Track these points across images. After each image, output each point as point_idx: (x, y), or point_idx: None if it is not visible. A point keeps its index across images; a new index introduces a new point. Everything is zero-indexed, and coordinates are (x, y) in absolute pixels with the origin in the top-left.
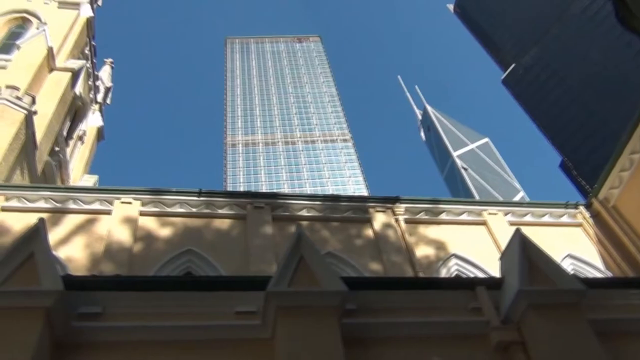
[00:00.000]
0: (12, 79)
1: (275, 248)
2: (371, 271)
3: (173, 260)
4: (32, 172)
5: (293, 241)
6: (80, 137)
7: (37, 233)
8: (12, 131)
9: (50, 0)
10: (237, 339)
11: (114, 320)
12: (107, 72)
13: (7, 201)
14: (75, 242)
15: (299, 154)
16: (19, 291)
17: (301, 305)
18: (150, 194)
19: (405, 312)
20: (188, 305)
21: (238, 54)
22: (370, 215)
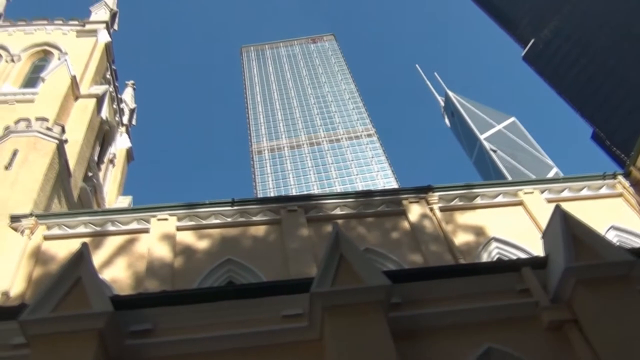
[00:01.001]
0: (40, 110)
1: (313, 249)
2: (411, 263)
3: (214, 271)
4: (69, 199)
5: (331, 240)
6: (110, 160)
7: (82, 258)
8: (46, 161)
9: (69, 31)
10: (286, 343)
11: (165, 335)
12: (129, 94)
13: (48, 230)
14: (118, 263)
15: (325, 154)
16: (71, 315)
17: (346, 303)
18: (184, 208)
19: (452, 300)
20: (235, 313)
21: (254, 61)
22: (404, 207)
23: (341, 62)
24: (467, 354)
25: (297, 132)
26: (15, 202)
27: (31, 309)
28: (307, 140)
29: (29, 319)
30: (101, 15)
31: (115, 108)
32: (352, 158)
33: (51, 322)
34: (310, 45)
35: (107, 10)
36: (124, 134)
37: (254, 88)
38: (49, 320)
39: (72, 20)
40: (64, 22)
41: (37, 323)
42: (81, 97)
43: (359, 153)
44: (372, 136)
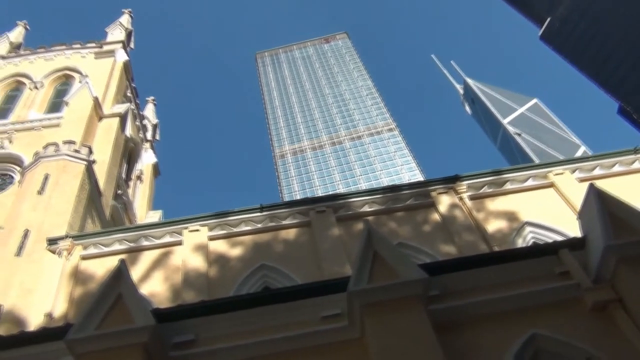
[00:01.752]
0: (67, 134)
1: (345, 248)
2: (445, 254)
3: (249, 278)
4: (102, 218)
5: (364, 237)
6: (138, 177)
7: (121, 274)
8: (77, 183)
9: (87, 53)
10: (327, 344)
11: (207, 344)
12: (151, 109)
13: (85, 250)
14: (155, 277)
15: (347, 152)
16: (115, 332)
17: (385, 299)
18: (215, 218)
19: (491, 289)
20: (274, 318)
21: (270, 66)
22: (432, 198)
23: (356, 59)
24: (511, 341)
25: (317, 132)
26: (51, 225)
27: (76, 328)
28: (328, 140)
29: (75, 338)
30: (117, 35)
31: (138, 125)
32: (374, 154)
33: (96, 339)
34: (324, 45)
35: (123, 30)
36: (148, 149)
37: (271, 93)
38: (94, 338)
39: (89, 42)
40: (82, 45)
41: (83, 341)
42: (105, 117)
43: (381, 149)
44: (393, 130)
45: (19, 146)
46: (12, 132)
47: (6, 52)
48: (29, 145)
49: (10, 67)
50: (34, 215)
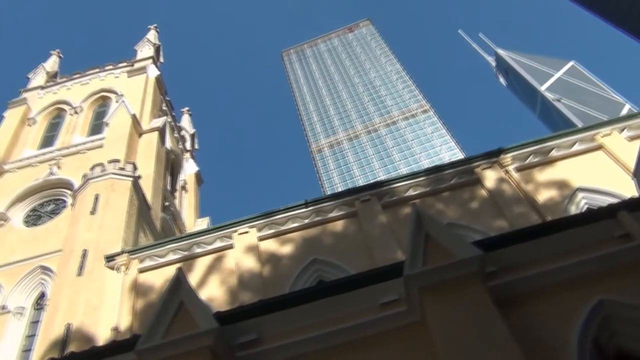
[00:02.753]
0: (110, 153)
1: (395, 234)
2: (497, 229)
3: (302, 273)
4: (153, 231)
5: (414, 220)
6: (183, 187)
7: (179, 282)
8: (126, 199)
9: (120, 73)
10: (388, 330)
11: (271, 342)
12: (187, 120)
13: (141, 263)
14: (211, 282)
15: (384, 139)
16: (181, 338)
17: (442, 280)
18: (262, 218)
19: (550, 259)
20: (333, 310)
21: (296, 63)
22: (477, 175)
23: (382, 44)
24: (577, 310)
25: (351, 123)
26: (106, 243)
27: (144, 338)
28: (363, 129)
29: (144, 348)
30: (146, 51)
31: (177, 136)
32: (411, 138)
33: (165, 347)
34: (348, 35)
35: (151, 46)
36: (189, 159)
37: (301, 89)
38: (162, 346)
39: (120, 62)
40: (114, 65)
41: (152, 350)
42: (144, 133)
43: (417, 131)
44: (427, 112)
45: (67, 170)
46: (59, 158)
47: (44, 82)
48: (76, 169)
49: (50, 95)
50: (89, 235)
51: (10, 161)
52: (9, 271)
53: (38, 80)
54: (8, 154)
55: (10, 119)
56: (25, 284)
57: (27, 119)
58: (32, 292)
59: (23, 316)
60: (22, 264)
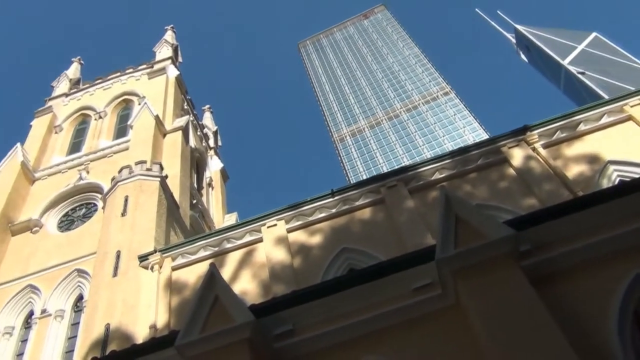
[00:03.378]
0: (136, 155)
1: (423, 219)
2: (527, 208)
3: (333, 263)
4: (183, 229)
5: (443, 203)
6: (209, 184)
7: (213, 277)
8: (155, 199)
9: (140, 75)
10: (423, 315)
11: (306, 332)
12: (208, 118)
13: (174, 261)
14: (243, 276)
15: (406, 124)
16: (219, 332)
17: (475, 262)
18: (289, 210)
19: (584, 235)
20: (366, 297)
21: (313, 54)
22: (504, 154)
23: (398, 29)
24: (615, 285)
25: (372, 110)
26: (139, 243)
27: (183, 334)
28: (384, 115)
29: (183, 343)
30: (165, 52)
31: (200, 135)
32: (434, 121)
33: (203, 341)
34: (364, 21)
35: (169, 46)
36: (214, 156)
37: (319, 79)
38: (201, 341)
39: (140, 65)
40: (134, 68)
41: (191, 345)
42: (168, 133)
43: (440, 114)
44: (448, 94)
45: (95, 175)
46: (87, 163)
47: (68, 89)
48: (104, 173)
49: (74, 102)
50: (121, 237)
51: (41, 169)
52: (47, 276)
53: (62, 88)
54: (38, 162)
55: (37, 127)
56: (63, 288)
57: (54, 127)
58: (70, 295)
59: (63, 319)
60: (59, 268)
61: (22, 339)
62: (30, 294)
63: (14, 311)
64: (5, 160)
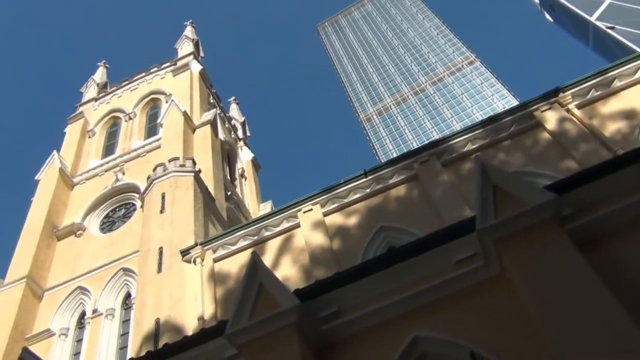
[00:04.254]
0: (169, 152)
1: (459, 191)
2: (566, 170)
3: (372, 242)
4: (221, 221)
5: (479, 173)
6: (241, 175)
7: (256, 265)
8: (191, 194)
9: (165, 73)
10: (468, 287)
11: (352, 312)
12: (235, 109)
13: (215, 253)
14: (284, 262)
15: (433, 98)
16: (267, 318)
17: (517, 230)
18: (324, 194)
19: (629, 192)
20: (409, 273)
21: (333, 35)
22: (537, 118)
23: (417, 1)
24: None
25: (397, 87)
26: (179, 238)
27: (231, 322)
28: (410, 91)
29: (233, 331)
30: (186, 48)
31: (228, 127)
32: (461, 92)
33: (252, 328)
34: None
35: (190, 42)
36: (244, 147)
37: (341, 61)
38: (249, 328)
39: (164, 63)
40: (159, 67)
41: (240, 333)
42: (197, 128)
43: (466, 84)
44: (473, 63)
45: (131, 175)
46: (122, 164)
47: (96, 94)
48: (140, 172)
49: (103, 106)
50: (162, 233)
51: (78, 174)
52: (95, 277)
53: (90, 93)
54: (75, 167)
55: (71, 134)
56: (111, 287)
57: (87, 132)
58: (118, 293)
59: (114, 317)
60: (105, 269)
61: (77, 339)
62: (80, 296)
63: (67, 313)
64: (43, 168)
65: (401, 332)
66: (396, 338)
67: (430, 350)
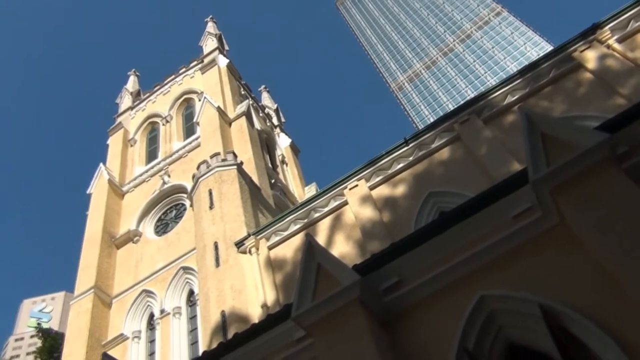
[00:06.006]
0: (209, 149)
1: (504, 145)
2: (615, 108)
3: (422, 210)
4: (269, 209)
5: (525, 124)
6: (282, 161)
7: (312, 247)
8: (236, 187)
9: (194, 72)
10: (528, 240)
11: (413, 281)
12: (267, 97)
13: (268, 240)
14: (337, 241)
15: (463, 56)
16: (330, 296)
17: (572, 175)
18: (367, 168)
19: None
20: (465, 235)
21: (353, 8)
22: (576, 59)
23: None
24: None
25: (425, 50)
26: (232, 231)
27: (296, 305)
28: (438, 53)
29: (299, 314)
30: (210, 44)
31: (262, 116)
32: (491, 45)
33: (317, 308)
34: None
35: (213, 37)
36: (280, 134)
37: (364, 33)
38: (315, 308)
39: (191, 62)
40: (186, 67)
41: (306, 314)
42: (232, 121)
43: (496, 37)
44: (501, 13)
45: (176, 176)
46: (166, 167)
47: (131, 102)
48: (184, 172)
49: (140, 113)
50: (215, 228)
51: (126, 182)
52: (157, 279)
53: (125, 102)
54: (122, 177)
55: (114, 145)
56: (174, 286)
57: (128, 141)
58: (182, 292)
59: (181, 315)
60: (166, 270)
61: (150, 339)
62: (147, 298)
63: (136, 316)
64: (93, 182)
65: (466, 294)
66: (461, 300)
67: (498, 308)
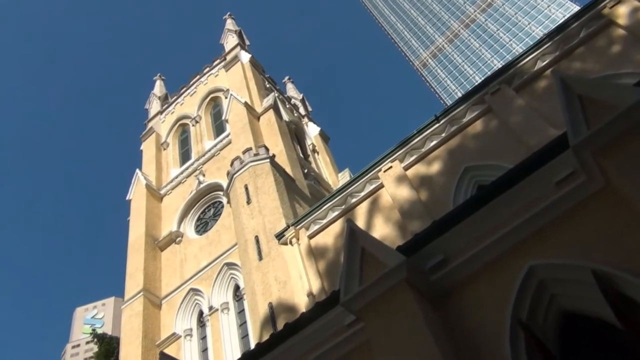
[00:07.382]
0: (240, 145)
1: (538, 112)
2: None
3: (460, 185)
4: (305, 199)
5: (560, 87)
6: (313, 150)
7: (353, 232)
8: (271, 180)
9: (218, 71)
10: (573, 206)
11: (458, 258)
12: (292, 88)
13: (308, 230)
14: (377, 224)
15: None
16: (377, 279)
17: (617, 134)
18: (399, 148)
19: None
20: (507, 206)
21: None
22: (607, 16)
23: None
24: None
25: (445, 24)
26: (271, 223)
27: (344, 291)
28: (460, 25)
29: (348, 299)
30: (231, 41)
31: (289, 107)
32: (514, 11)
33: (366, 292)
34: None
35: (233, 34)
36: (309, 123)
37: (382, 12)
38: (363, 292)
39: (214, 61)
40: (210, 66)
41: (355, 299)
42: (260, 115)
43: (518, 2)
44: None
45: (211, 175)
46: (200, 167)
47: (160, 107)
48: (218, 170)
49: (169, 116)
50: (254, 223)
51: (163, 186)
52: (203, 277)
53: (155, 107)
54: (159, 180)
55: (147, 150)
56: (220, 283)
57: (161, 144)
58: (228, 287)
59: (229, 310)
60: (210, 267)
61: (201, 336)
62: (194, 297)
63: (186, 315)
64: (131, 188)
65: (514, 266)
66: (510, 273)
67: (548, 277)
